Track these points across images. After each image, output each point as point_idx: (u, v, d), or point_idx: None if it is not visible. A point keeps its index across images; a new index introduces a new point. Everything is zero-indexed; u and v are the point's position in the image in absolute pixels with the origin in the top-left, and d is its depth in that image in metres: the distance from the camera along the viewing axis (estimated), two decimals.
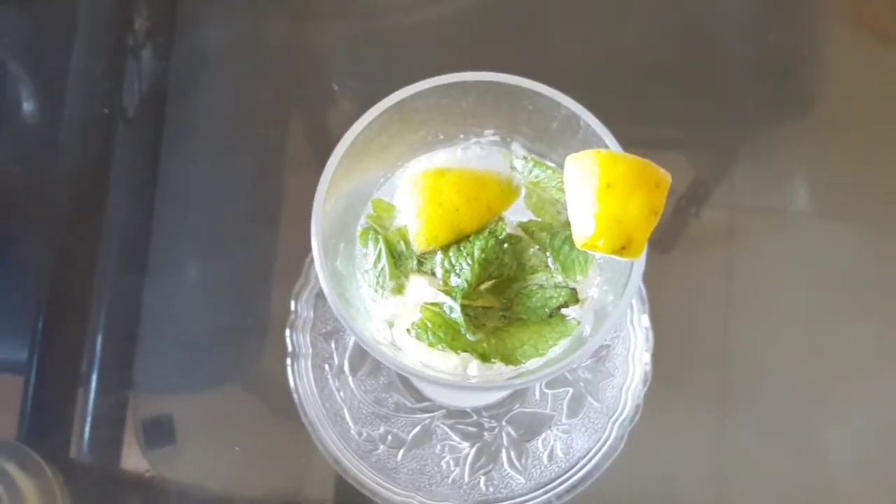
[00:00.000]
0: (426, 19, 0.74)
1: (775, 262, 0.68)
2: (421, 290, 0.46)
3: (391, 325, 0.46)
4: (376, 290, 0.47)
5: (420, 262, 0.47)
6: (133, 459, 0.64)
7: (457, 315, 0.45)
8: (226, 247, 0.69)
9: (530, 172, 0.48)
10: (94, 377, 0.65)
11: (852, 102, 0.71)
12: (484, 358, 0.45)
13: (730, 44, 0.73)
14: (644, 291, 0.62)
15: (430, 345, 0.45)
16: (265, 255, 0.68)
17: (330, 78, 0.72)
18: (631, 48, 0.73)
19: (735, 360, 0.65)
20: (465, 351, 0.45)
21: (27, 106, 0.73)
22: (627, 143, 0.70)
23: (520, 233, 0.47)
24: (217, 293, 0.68)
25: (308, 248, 0.63)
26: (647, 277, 0.62)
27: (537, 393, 0.61)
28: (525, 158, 0.48)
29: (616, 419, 0.60)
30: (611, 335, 0.61)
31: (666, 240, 0.68)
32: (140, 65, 0.74)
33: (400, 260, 0.47)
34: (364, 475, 0.59)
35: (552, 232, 0.47)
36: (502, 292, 0.46)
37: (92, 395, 0.65)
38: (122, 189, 0.70)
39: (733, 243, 0.68)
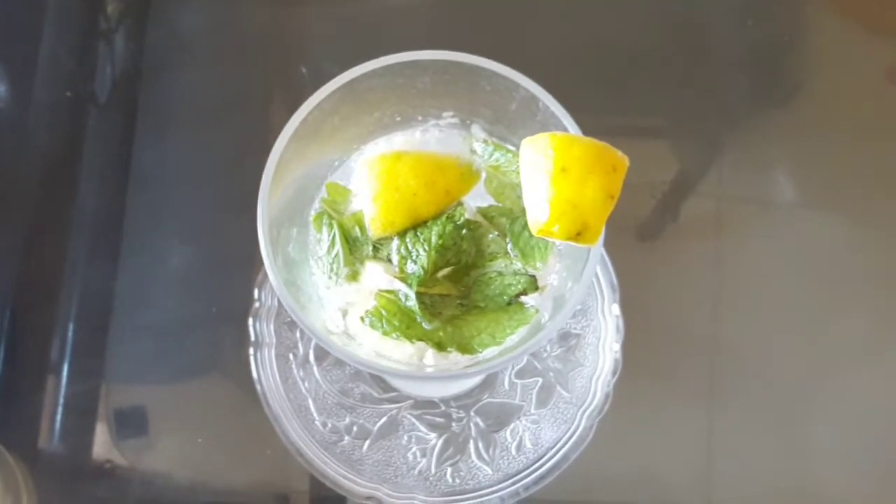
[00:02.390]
0: (407, 3, 0.73)
1: (761, 253, 0.67)
2: (376, 277, 0.45)
3: (345, 313, 0.45)
4: (330, 277, 0.45)
5: (376, 249, 0.46)
6: (101, 450, 0.63)
7: (412, 303, 0.44)
8: (199, 234, 0.68)
9: (490, 156, 0.46)
10: (65, 366, 0.65)
11: (838, 92, 0.71)
12: (440, 347, 0.44)
13: (714, 33, 0.72)
14: (615, 280, 0.60)
15: (385, 333, 0.44)
16: (237, 242, 0.67)
17: (306, 61, 0.71)
18: (615, 37, 0.72)
19: (719, 350, 0.64)
20: (420, 340, 0.44)
21: None
22: (611, 133, 0.68)
23: (479, 218, 0.46)
24: (189, 281, 0.67)
25: None
26: (627, 267, 0.62)
27: (506, 383, 0.60)
28: (485, 141, 0.47)
29: (585, 409, 0.59)
30: (576, 327, 0.60)
31: (650, 231, 0.67)
32: (112, 48, 0.73)
33: (355, 246, 0.45)
34: (328, 467, 0.58)
35: (512, 217, 0.45)
36: (460, 279, 0.45)
37: (62, 385, 0.64)
38: (94, 175, 0.69)
39: (719, 234, 0.67)
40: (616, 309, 0.60)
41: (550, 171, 0.38)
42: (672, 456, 0.62)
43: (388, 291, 0.44)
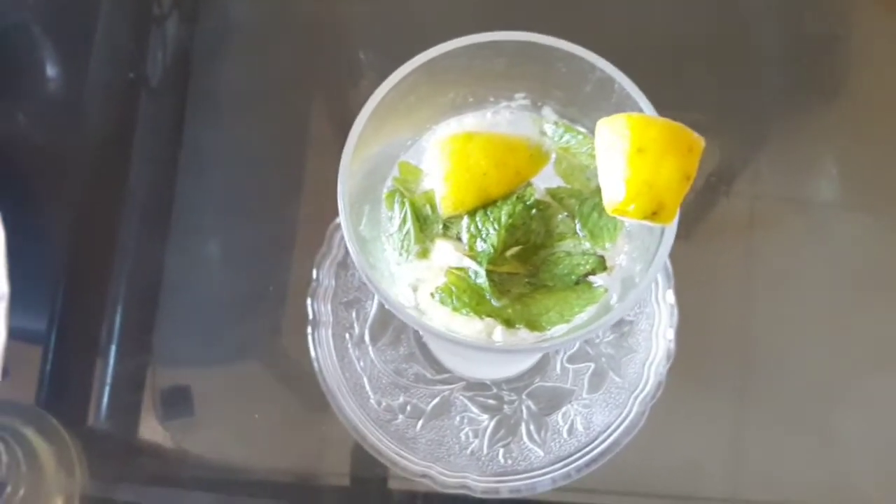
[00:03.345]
0: None
1: (797, 253, 0.67)
2: (446, 254, 0.45)
3: (415, 289, 0.46)
4: (401, 254, 0.46)
5: (446, 227, 0.46)
6: (151, 427, 0.64)
7: (482, 280, 0.44)
8: (248, 215, 0.69)
9: (561, 138, 0.47)
10: (114, 344, 0.65)
11: (882, 92, 0.71)
12: (508, 324, 0.44)
13: (758, 31, 0.73)
14: (670, 267, 0.61)
15: (455, 309, 0.44)
16: (287, 223, 0.68)
17: (356, 48, 0.72)
18: (658, 32, 0.72)
19: (755, 347, 0.65)
20: (489, 316, 0.44)
21: (51, 71, 0.73)
22: None
23: (548, 199, 0.46)
24: (239, 261, 0.68)
25: (331, 217, 0.63)
26: (673, 256, 0.62)
27: (558, 367, 0.61)
28: (556, 123, 0.47)
29: (637, 395, 0.59)
30: (637, 304, 0.60)
31: (687, 226, 0.67)
32: (165, 32, 0.74)
33: (425, 223, 0.46)
34: (382, 444, 0.59)
35: (581, 198, 0.46)
36: (529, 258, 0.46)
37: (111, 362, 0.65)
38: (145, 156, 0.70)
39: (755, 231, 0.67)
40: (671, 296, 0.60)
41: (627, 152, 0.39)
42: (717, 444, 0.63)
43: (458, 269, 0.45)
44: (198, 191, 0.69)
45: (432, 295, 0.45)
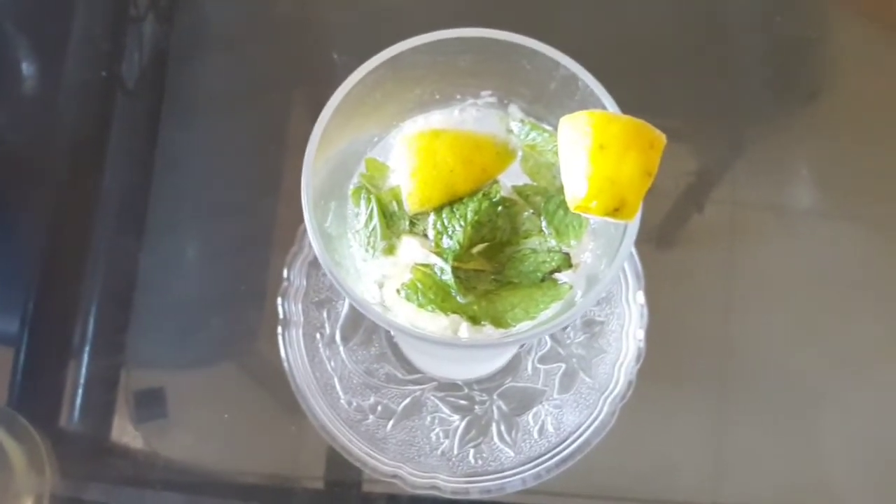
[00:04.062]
0: None
1: (777, 258, 0.67)
2: (412, 250, 0.45)
3: (381, 285, 0.46)
4: (367, 251, 0.46)
5: (412, 223, 0.46)
6: (122, 428, 0.64)
7: (448, 277, 0.44)
8: (223, 215, 0.69)
9: (527, 135, 0.47)
10: (87, 345, 0.65)
11: (859, 97, 0.71)
12: (474, 320, 0.44)
13: (735, 35, 0.73)
14: (640, 268, 0.61)
15: (420, 306, 0.44)
16: (262, 223, 0.68)
17: (332, 48, 0.72)
18: (634, 36, 0.72)
19: (732, 349, 0.65)
20: (454, 313, 0.44)
21: (26, 70, 0.73)
22: None
23: (514, 196, 0.46)
24: (213, 261, 0.68)
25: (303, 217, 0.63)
26: (650, 260, 0.62)
27: (529, 367, 0.61)
28: (522, 121, 0.48)
29: (608, 395, 0.60)
30: (601, 301, 0.60)
31: (666, 233, 0.68)
32: (142, 31, 0.74)
33: (392, 220, 0.46)
34: (353, 444, 0.59)
35: (547, 196, 0.46)
36: (494, 255, 0.46)
37: (84, 362, 0.65)
38: (121, 155, 0.70)
39: (734, 237, 0.68)
40: (641, 297, 0.60)
41: (589, 148, 0.39)
42: (692, 442, 0.63)
43: (423, 265, 0.45)
44: (173, 191, 0.69)
45: (398, 291, 0.45)
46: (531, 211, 0.46)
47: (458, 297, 0.44)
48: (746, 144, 0.70)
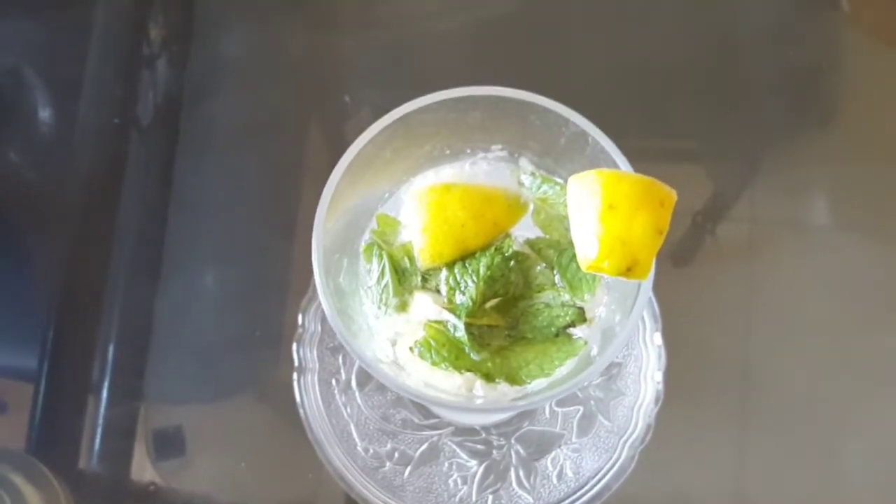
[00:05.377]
0: (447, 30, 0.74)
1: (796, 276, 0.66)
2: (425, 307, 0.45)
3: (394, 343, 0.46)
4: (379, 307, 0.46)
5: (424, 279, 0.46)
6: (141, 470, 0.64)
7: (461, 333, 0.44)
8: (238, 256, 0.69)
9: (538, 188, 0.47)
10: (105, 386, 0.65)
11: (873, 115, 0.71)
12: (488, 378, 0.44)
13: (750, 56, 0.73)
14: (657, 310, 0.60)
15: (434, 364, 0.44)
16: (278, 265, 0.68)
17: (345, 89, 0.72)
18: (650, 61, 0.72)
19: (755, 376, 0.64)
20: (468, 370, 0.44)
21: (42, 113, 0.73)
22: (646, 156, 0.69)
23: (527, 250, 0.46)
24: (229, 303, 0.68)
25: None
26: (663, 294, 0.62)
27: (547, 411, 0.60)
28: (533, 174, 0.47)
29: (627, 439, 0.59)
30: (618, 356, 0.60)
31: (684, 254, 0.67)
32: (155, 73, 0.74)
33: (404, 276, 0.46)
34: (370, 492, 0.58)
35: (560, 249, 0.46)
36: (508, 311, 0.45)
37: (102, 405, 0.65)
38: (136, 197, 0.70)
39: (753, 257, 0.67)
40: (658, 338, 0.60)
41: (598, 208, 0.39)
42: (713, 485, 0.62)
43: (436, 322, 0.45)
44: (187, 231, 0.69)
45: (411, 349, 0.44)
46: (544, 265, 0.46)
47: (471, 355, 0.44)
48: (763, 163, 0.70)
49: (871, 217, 0.68)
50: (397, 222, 0.47)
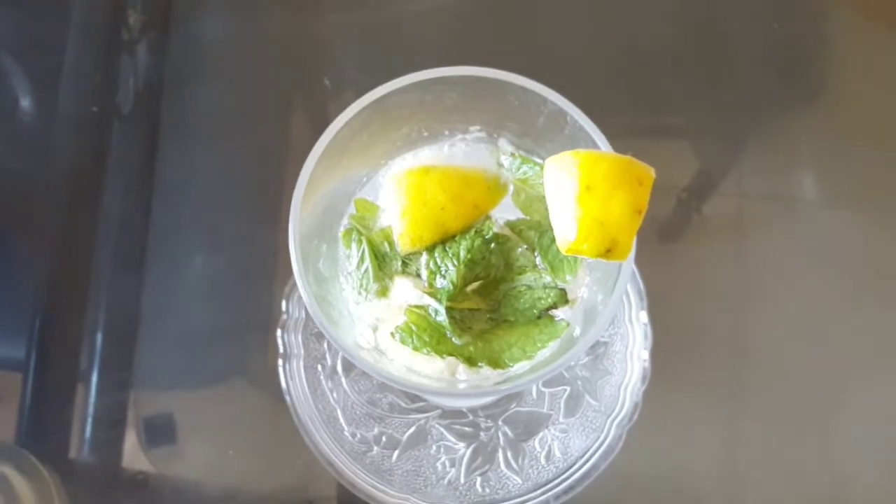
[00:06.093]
0: (428, 10, 0.73)
1: (785, 252, 0.66)
2: (405, 292, 0.45)
3: (375, 328, 0.45)
4: (360, 293, 0.45)
5: (405, 264, 0.46)
6: (131, 459, 0.64)
7: (442, 318, 0.44)
8: (224, 243, 0.68)
9: (518, 169, 0.46)
10: (93, 376, 0.65)
11: (861, 91, 0.70)
12: (470, 362, 0.44)
13: (738, 32, 0.72)
14: (642, 287, 0.60)
15: (415, 349, 0.44)
16: (263, 251, 0.68)
17: (328, 71, 0.71)
18: (637, 37, 0.72)
19: (743, 352, 0.64)
20: (450, 355, 0.43)
21: (23, 103, 0.72)
22: (632, 133, 0.70)
23: (507, 232, 0.46)
24: (215, 290, 0.67)
25: None
26: (649, 271, 0.61)
27: (534, 392, 0.60)
28: (512, 155, 0.47)
29: (614, 418, 0.59)
30: (604, 335, 0.59)
31: (671, 231, 0.67)
32: (135, 59, 0.74)
33: (384, 261, 0.45)
34: (358, 477, 0.58)
35: (541, 230, 0.45)
36: (489, 294, 0.45)
37: (91, 395, 0.65)
38: (119, 185, 0.70)
39: (741, 234, 0.67)
40: (644, 316, 0.59)
41: (576, 190, 0.38)
42: (701, 463, 0.62)
43: (417, 307, 0.44)
44: (171, 219, 0.69)
45: (392, 335, 0.44)
46: (525, 246, 0.45)
47: (453, 339, 0.44)
48: (750, 142, 0.69)
49: (858, 192, 0.68)
50: (376, 207, 0.47)
